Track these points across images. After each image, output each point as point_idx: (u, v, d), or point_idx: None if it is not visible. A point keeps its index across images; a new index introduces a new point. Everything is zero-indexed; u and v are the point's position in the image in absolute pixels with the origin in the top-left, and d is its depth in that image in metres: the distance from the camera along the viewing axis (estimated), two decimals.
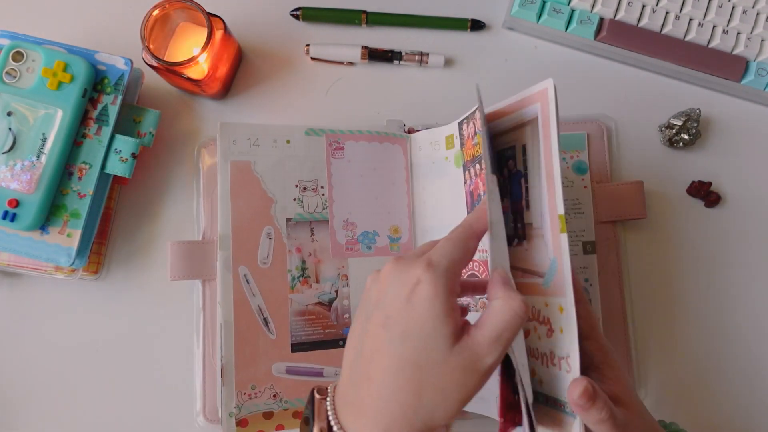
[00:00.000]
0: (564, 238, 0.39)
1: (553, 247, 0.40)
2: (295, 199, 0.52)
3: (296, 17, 0.59)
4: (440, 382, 0.33)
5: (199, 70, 0.52)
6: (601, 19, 0.58)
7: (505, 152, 0.45)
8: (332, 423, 0.35)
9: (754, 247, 0.59)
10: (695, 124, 0.58)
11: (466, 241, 0.37)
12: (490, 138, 0.42)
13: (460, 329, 0.34)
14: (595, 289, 0.55)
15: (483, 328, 0.34)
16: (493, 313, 0.35)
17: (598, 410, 0.37)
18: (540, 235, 0.41)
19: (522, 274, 0.43)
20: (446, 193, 0.52)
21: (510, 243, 0.44)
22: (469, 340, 0.34)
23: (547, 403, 0.41)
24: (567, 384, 0.39)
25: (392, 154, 0.55)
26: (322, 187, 0.53)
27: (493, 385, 0.48)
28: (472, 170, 0.49)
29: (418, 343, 0.33)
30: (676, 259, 0.58)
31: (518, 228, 0.43)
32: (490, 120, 0.46)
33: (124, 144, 0.51)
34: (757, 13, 0.58)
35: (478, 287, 0.42)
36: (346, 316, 0.52)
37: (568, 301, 0.39)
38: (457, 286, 0.35)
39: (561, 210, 0.39)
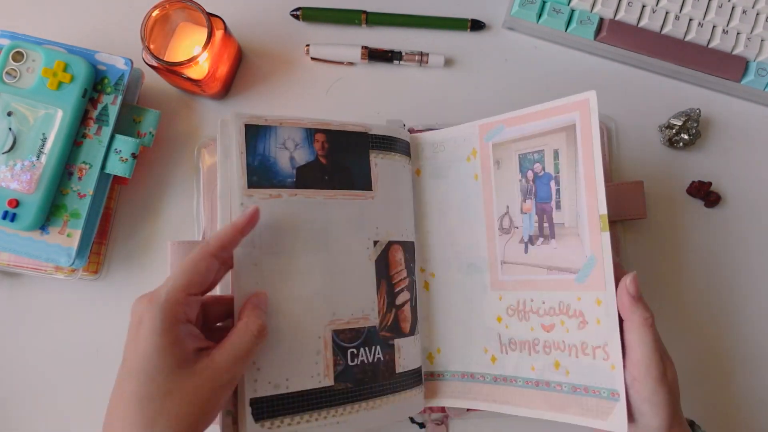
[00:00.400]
0: (606, 236, 0.42)
1: (592, 245, 0.43)
2: None
3: (296, 17, 0.59)
4: (175, 409, 0.35)
5: (199, 70, 0.52)
6: (601, 19, 0.58)
7: (530, 156, 0.47)
8: None
9: (754, 247, 0.59)
10: (695, 124, 0.58)
11: (197, 264, 0.39)
12: (254, 155, 0.45)
13: (193, 355, 0.37)
14: None
15: (223, 349, 0.38)
16: (234, 334, 0.39)
17: (645, 309, 0.41)
18: (574, 234, 0.44)
19: (548, 272, 0.46)
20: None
21: (533, 242, 0.47)
22: (209, 361, 0.37)
23: (575, 392, 0.44)
24: (603, 371, 0.42)
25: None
26: None
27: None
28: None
29: (143, 378, 0.35)
30: (676, 259, 0.58)
31: (544, 228, 0.46)
32: (511, 124, 0.49)
33: (124, 144, 0.51)
34: (757, 13, 0.58)
35: (222, 302, 0.44)
36: None
37: (608, 294, 0.42)
38: (184, 313, 0.37)
39: (603, 210, 0.43)
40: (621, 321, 0.42)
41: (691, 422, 0.46)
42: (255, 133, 0.46)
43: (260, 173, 0.45)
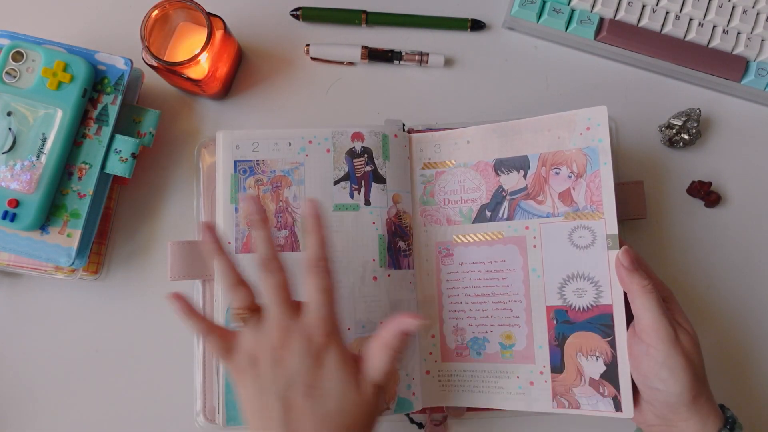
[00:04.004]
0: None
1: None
2: None
3: (296, 17, 0.59)
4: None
5: (199, 70, 0.52)
6: (601, 19, 0.58)
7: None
8: None
9: (755, 247, 0.59)
10: (695, 124, 0.58)
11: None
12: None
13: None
14: None
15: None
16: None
17: (642, 277, 0.44)
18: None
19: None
20: None
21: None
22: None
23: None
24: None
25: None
26: None
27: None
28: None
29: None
30: (676, 259, 0.58)
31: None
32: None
33: (124, 144, 0.51)
34: (757, 13, 0.58)
35: None
36: None
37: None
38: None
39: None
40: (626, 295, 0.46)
41: (720, 405, 0.47)
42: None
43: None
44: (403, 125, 0.57)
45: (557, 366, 0.49)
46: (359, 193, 0.52)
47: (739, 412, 0.47)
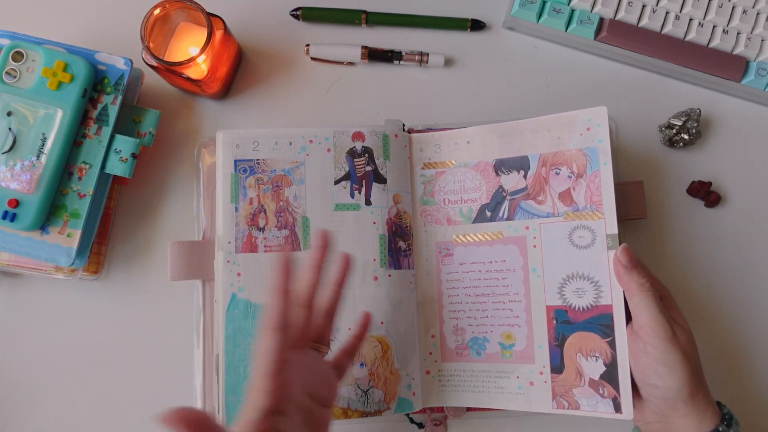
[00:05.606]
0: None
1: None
2: None
3: (296, 17, 0.59)
4: None
5: (198, 70, 0.52)
6: (601, 19, 0.58)
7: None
8: None
9: (755, 247, 0.59)
10: (695, 124, 0.58)
11: None
12: None
13: None
14: None
15: None
16: None
17: (640, 275, 0.45)
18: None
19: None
20: None
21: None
22: None
23: None
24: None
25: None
26: None
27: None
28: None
29: None
30: (676, 259, 0.58)
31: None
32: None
33: (124, 144, 0.51)
34: (757, 13, 0.58)
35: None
36: None
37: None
38: None
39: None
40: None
41: (717, 402, 0.47)
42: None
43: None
44: (403, 125, 0.57)
45: (557, 366, 0.49)
46: (360, 192, 0.52)
47: (736, 410, 0.47)
